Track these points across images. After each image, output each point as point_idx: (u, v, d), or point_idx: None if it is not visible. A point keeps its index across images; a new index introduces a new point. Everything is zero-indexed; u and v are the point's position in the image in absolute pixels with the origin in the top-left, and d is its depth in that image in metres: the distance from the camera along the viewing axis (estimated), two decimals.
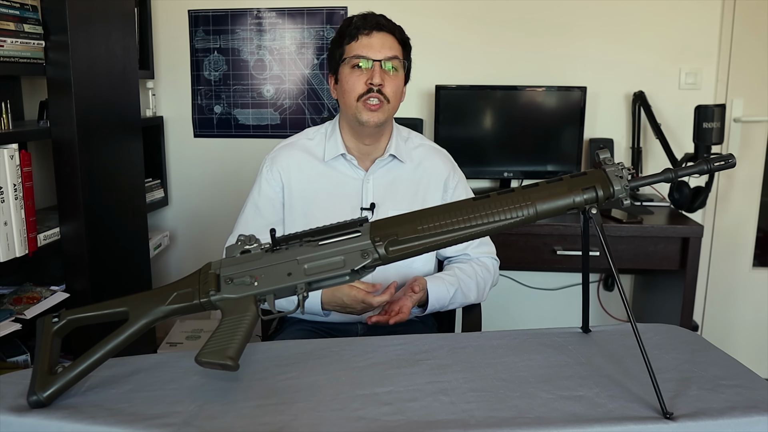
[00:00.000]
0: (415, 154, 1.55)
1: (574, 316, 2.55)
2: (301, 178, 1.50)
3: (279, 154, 1.53)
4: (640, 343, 0.84)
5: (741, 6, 2.51)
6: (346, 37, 1.43)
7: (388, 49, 1.42)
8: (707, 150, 2.22)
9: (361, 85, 1.41)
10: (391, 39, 1.43)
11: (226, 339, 0.89)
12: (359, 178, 1.50)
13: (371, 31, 1.41)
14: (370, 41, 1.41)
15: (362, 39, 1.41)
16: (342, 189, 1.50)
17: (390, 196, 1.50)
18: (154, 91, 2.71)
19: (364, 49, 1.41)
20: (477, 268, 1.53)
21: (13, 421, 0.83)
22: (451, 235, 0.92)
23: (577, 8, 2.55)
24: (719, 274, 2.70)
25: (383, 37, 1.42)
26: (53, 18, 1.73)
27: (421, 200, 1.52)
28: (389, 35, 1.43)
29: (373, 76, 1.40)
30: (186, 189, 2.80)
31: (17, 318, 1.63)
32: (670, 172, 0.93)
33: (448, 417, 0.81)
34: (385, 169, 1.52)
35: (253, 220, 1.51)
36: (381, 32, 1.42)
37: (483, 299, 1.56)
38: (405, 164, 1.52)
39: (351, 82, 1.42)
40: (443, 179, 1.55)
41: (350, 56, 1.42)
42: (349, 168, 1.51)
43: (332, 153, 1.50)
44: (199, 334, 2.67)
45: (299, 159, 1.51)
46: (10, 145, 1.61)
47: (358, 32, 1.41)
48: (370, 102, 1.41)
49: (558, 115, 2.48)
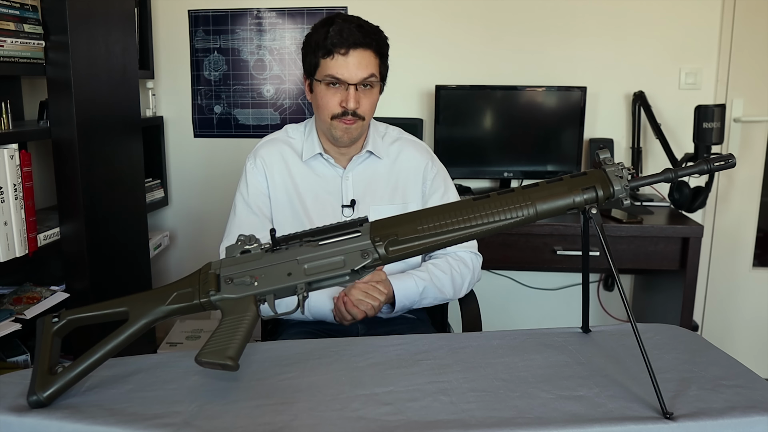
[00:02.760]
0: (392, 148, 1.54)
1: (574, 316, 2.55)
2: (283, 173, 1.50)
3: (260, 148, 1.53)
4: (640, 343, 0.84)
5: (741, 6, 2.51)
6: (321, 48, 1.37)
7: (364, 68, 1.37)
8: (707, 150, 2.22)
9: (336, 105, 1.39)
10: (368, 55, 1.38)
11: (226, 339, 0.89)
12: (338, 175, 1.50)
13: (348, 50, 1.36)
14: (347, 61, 1.36)
15: (338, 58, 1.36)
16: (322, 186, 1.50)
17: (370, 192, 1.50)
18: (154, 91, 2.71)
19: (340, 70, 1.36)
20: (453, 263, 1.50)
21: (13, 421, 0.83)
22: (451, 235, 0.92)
23: (577, 8, 2.55)
24: (719, 274, 2.70)
25: (360, 56, 1.37)
26: (53, 18, 1.73)
27: (402, 194, 1.52)
28: (366, 51, 1.37)
29: (348, 100, 1.37)
30: (186, 189, 2.81)
31: (17, 318, 1.63)
32: (670, 172, 0.93)
33: (448, 417, 0.81)
34: (363, 166, 1.51)
35: (246, 218, 1.49)
36: (358, 50, 1.36)
37: (461, 295, 1.52)
38: (382, 160, 1.52)
39: (325, 101, 1.40)
40: (421, 171, 1.54)
41: (325, 75, 1.38)
42: (327, 166, 1.50)
43: (309, 152, 1.49)
44: (199, 334, 2.67)
45: (282, 152, 1.51)
46: (10, 145, 1.61)
47: (334, 49, 1.36)
48: (344, 121, 1.40)
49: (558, 115, 2.48)
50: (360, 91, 1.39)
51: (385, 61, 1.44)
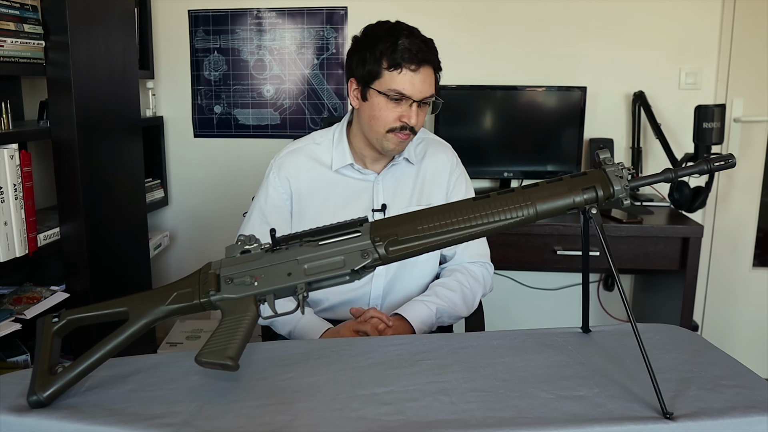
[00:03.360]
0: (418, 149, 1.53)
1: (574, 316, 2.55)
2: (310, 185, 1.47)
3: (286, 160, 1.48)
4: (640, 343, 0.84)
5: (741, 6, 2.51)
6: (389, 59, 1.33)
7: (429, 86, 1.35)
8: (707, 150, 2.22)
9: (395, 119, 1.36)
10: (431, 74, 1.36)
11: (226, 339, 0.89)
12: (370, 180, 1.48)
13: (418, 67, 1.32)
14: (414, 79, 1.33)
15: (407, 73, 1.32)
16: (352, 192, 1.47)
17: (399, 196, 1.49)
18: (154, 91, 2.71)
19: (407, 87, 1.33)
20: (462, 278, 1.48)
21: (13, 421, 0.83)
22: (451, 235, 0.92)
23: (577, 8, 2.55)
24: (719, 274, 2.70)
25: (426, 73, 1.34)
26: (53, 18, 1.73)
27: (426, 196, 1.50)
28: (431, 69, 1.35)
29: (410, 116, 1.35)
30: (186, 189, 2.81)
31: (17, 318, 1.63)
32: (670, 172, 0.93)
33: (448, 417, 0.81)
34: (392, 170, 1.50)
35: (259, 227, 1.46)
36: (425, 67, 1.34)
37: (472, 310, 1.51)
38: (412, 164, 1.51)
39: (385, 114, 1.36)
40: (447, 171, 1.53)
41: (390, 88, 1.34)
42: (357, 173, 1.48)
43: (339, 162, 1.46)
44: (199, 334, 2.67)
45: (307, 166, 1.47)
46: (10, 145, 1.61)
47: (404, 64, 1.32)
48: (399, 134, 1.37)
49: (558, 115, 2.48)
50: (420, 108, 1.37)
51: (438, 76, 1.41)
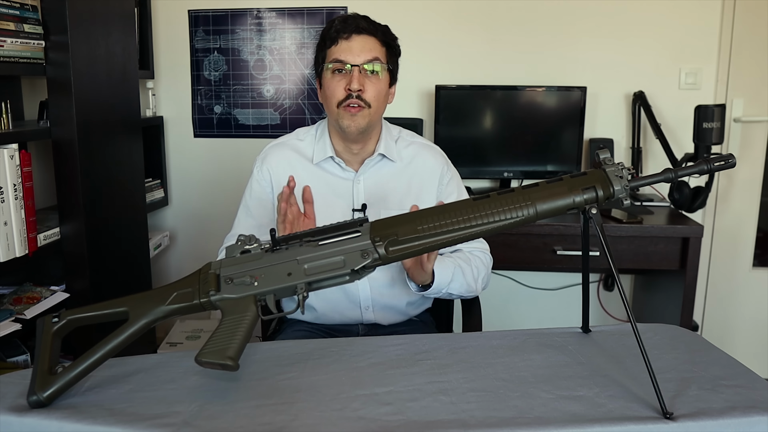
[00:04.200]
0: (405, 152, 1.52)
1: (574, 316, 2.55)
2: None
3: (269, 153, 1.52)
4: (640, 343, 0.84)
5: (741, 6, 2.51)
6: (327, 40, 1.40)
7: (368, 52, 1.38)
8: (707, 150, 2.22)
9: (341, 90, 1.38)
10: (372, 41, 1.40)
11: (226, 339, 0.89)
12: (349, 179, 1.48)
13: (351, 35, 1.38)
14: (350, 45, 1.38)
15: (342, 43, 1.38)
16: (333, 190, 1.48)
17: (382, 196, 1.49)
18: (154, 91, 2.71)
19: (343, 53, 1.38)
20: (470, 257, 1.48)
21: (13, 421, 0.83)
22: (451, 235, 0.92)
23: (577, 8, 2.55)
24: (719, 274, 2.70)
25: (363, 40, 1.39)
26: (53, 18, 1.73)
27: (415, 198, 1.49)
28: (370, 37, 1.40)
29: (351, 80, 1.37)
30: (186, 189, 2.81)
31: (17, 318, 1.63)
32: (670, 172, 0.93)
33: (448, 417, 0.81)
34: (374, 169, 1.49)
35: (244, 220, 1.50)
36: (361, 35, 1.39)
37: (474, 291, 1.47)
38: (395, 163, 1.50)
39: (331, 88, 1.40)
40: (437, 175, 1.52)
41: (330, 60, 1.39)
42: (338, 169, 1.49)
43: (320, 155, 1.48)
44: (199, 334, 2.67)
45: (290, 158, 1.50)
46: (10, 145, 1.61)
47: (338, 36, 1.38)
48: (350, 108, 1.38)
49: (558, 115, 2.48)
50: (365, 75, 1.38)
51: (392, 52, 1.44)
